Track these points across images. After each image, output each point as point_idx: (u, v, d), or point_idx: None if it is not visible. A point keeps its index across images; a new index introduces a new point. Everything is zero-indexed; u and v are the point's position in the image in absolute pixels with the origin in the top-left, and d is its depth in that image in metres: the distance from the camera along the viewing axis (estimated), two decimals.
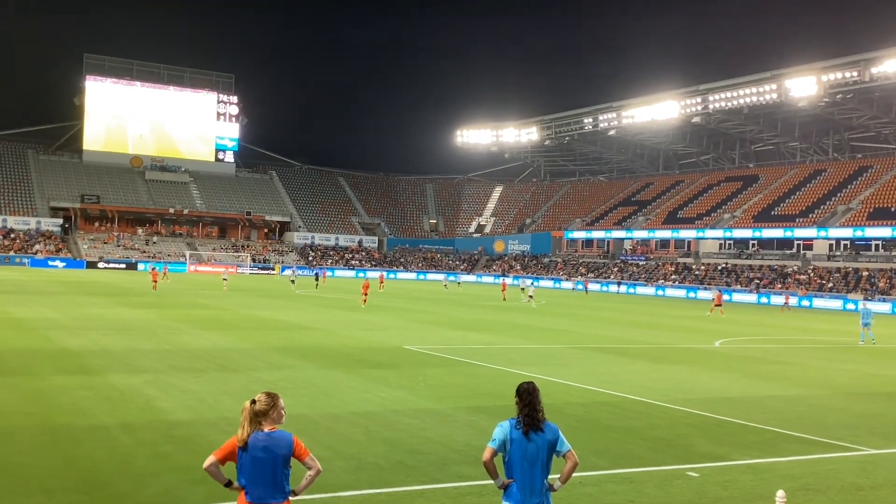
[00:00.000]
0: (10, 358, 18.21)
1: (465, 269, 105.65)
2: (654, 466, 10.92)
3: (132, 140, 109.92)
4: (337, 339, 25.15)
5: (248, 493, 5.55)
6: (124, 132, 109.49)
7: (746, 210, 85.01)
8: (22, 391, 14.32)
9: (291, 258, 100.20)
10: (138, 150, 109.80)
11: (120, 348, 20.75)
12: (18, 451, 10.27)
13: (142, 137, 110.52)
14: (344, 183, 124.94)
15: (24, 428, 11.50)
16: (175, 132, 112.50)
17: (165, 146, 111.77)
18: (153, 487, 8.87)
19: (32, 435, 11.13)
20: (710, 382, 19.28)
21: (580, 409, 14.89)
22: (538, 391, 6.12)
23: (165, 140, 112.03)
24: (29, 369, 16.74)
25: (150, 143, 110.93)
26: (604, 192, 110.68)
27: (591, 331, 32.79)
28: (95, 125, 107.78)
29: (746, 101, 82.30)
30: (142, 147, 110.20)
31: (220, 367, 18.17)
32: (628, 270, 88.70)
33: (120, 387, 15.20)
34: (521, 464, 5.95)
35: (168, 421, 12.40)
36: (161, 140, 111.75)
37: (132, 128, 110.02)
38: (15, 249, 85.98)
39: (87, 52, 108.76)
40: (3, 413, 12.44)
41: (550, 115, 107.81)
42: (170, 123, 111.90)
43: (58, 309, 31.92)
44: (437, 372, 18.95)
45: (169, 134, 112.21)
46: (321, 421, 12.78)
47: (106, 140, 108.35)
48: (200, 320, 29.77)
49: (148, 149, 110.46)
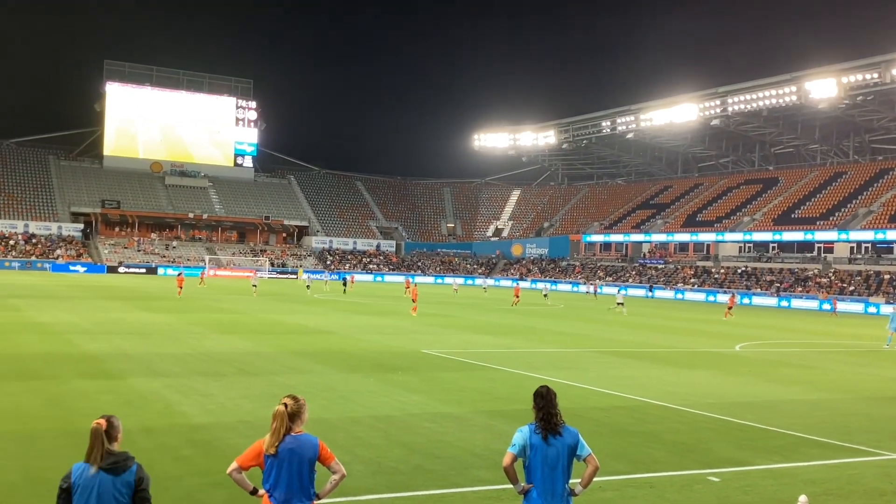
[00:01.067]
0: (32, 362, 18.38)
1: (482, 272, 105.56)
2: (674, 471, 10.86)
3: (152, 145, 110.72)
4: (355, 343, 25.20)
5: (273, 497, 5.57)
6: (144, 137, 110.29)
7: (766, 213, 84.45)
8: (44, 395, 14.45)
9: (309, 262, 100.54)
10: (158, 155, 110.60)
11: (141, 352, 20.89)
12: (40, 454, 10.38)
13: (161, 143, 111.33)
14: (362, 187, 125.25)
15: (47, 431, 11.62)
16: (194, 137, 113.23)
17: (185, 151, 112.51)
18: (174, 491, 8.92)
19: (54, 438, 11.24)
20: (730, 386, 19.15)
21: (599, 413, 14.84)
22: (554, 394, 6.11)
23: (185, 145, 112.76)
24: (51, 373, 16.89)
25: (170, 149, 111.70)
26: (622, 195, 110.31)
27: (609, 335, 32.66)
28: (116, 131, 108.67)
29: (766, 103, 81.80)
30: (161, 152, 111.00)
31: (240, 371, 18.26)
32: (647, 274, 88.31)
33: (141, 390, 15.30)
34: (541, 468, 5.93)
35: (188, 425, 12.47)
36: (180, 145, 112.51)
37: (152, 133, 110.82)
38: (37, 254, 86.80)
39: (107, 59, 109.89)
40: (25, 416, 12.56)
41: (568, 119, 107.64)
42: (189, 129, 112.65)
43: (79, 313, 32.19)
44: (455, 376, 18.94)
45: (188, 139, 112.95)
46: (340, 425, 12.80)
47: (126, 146, 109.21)
48: (220, 324, 29.92)
49: (168, 154, 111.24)
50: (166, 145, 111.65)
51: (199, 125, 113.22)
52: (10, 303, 36.47)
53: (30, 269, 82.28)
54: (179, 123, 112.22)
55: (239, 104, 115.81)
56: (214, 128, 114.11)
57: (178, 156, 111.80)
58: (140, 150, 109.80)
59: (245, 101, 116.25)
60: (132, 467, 4.99)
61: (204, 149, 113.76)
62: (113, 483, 4.91)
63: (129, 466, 4.98)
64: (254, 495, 5.79)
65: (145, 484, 5.04)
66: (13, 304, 36.00)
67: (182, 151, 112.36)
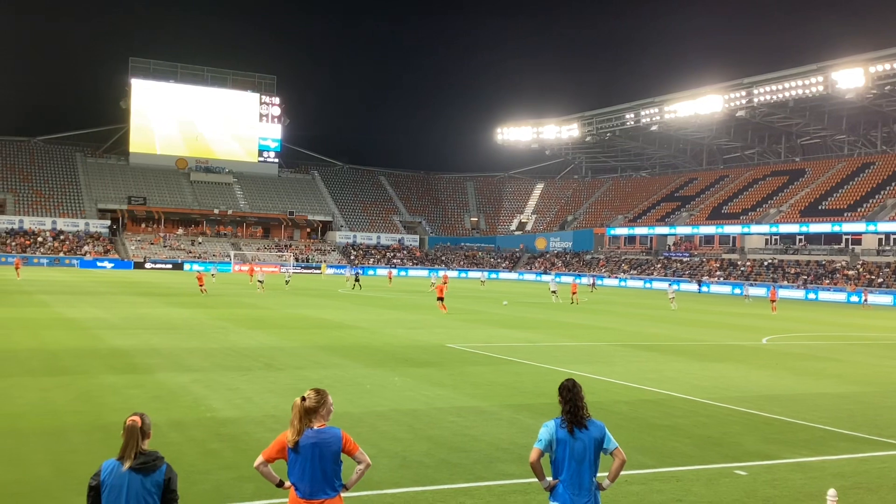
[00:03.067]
0: (62, 357, 18.62)
1: (506, 266, 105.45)
2: (701, 465, 10.81)
3: (177, 142, 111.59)
4: (380, 338, 25.28)
5: (299, 490, 5.61)
6: (169, 134, 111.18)
7: (793, 204, 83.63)
8: (74, 390, 14.63)
9: (333, 257, 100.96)
10: (183, 151, 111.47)
11: (168, 347, 21.09)
12: (71, 448, 10.52)
13: (186, 139, 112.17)
14: (385, 182, 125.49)
15: (77, 426, 11.76)
16: (218, 134, 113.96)
17: (209, 148, 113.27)
18: (202, 485, 9.01)
19: (84, 433, 11.38)
20: (757, 380, 19.02)
21: (625, 407, 14.79)
22: (580, 388, 6.07)
23: (209, 141, 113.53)
24: (80, 368, 17.09)
25: (195, 145, 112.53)
26: (646, 188, 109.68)
27: (635, 328, 32.52)
28: (141, 127, 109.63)
29: (792, 93, 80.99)
30: (186, 149, 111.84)
31: (266, 366, 18.38)
32: (672, 267, 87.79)
33: (169, 385, 15.45)
34: (568, 462, 5.91)
35: (216, 419, 12.58)
36: (205, 142, 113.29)
37: (177, 130, 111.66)
38: (65, 251, 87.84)
39: (132, 56, 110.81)
40: (56, 411, 12.73)
41: (591, 112, 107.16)
42: (213, 125, 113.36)
43: (107, 309, 32.54)
44: (480, 370, 18.96)
45: (213, 135, 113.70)
46: (366, 419, 12.86)
47: (151, 142, 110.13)
48: (246, 319, 30.13)
49: (192, 150, 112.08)
50: (191, 141, 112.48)
51: (224, 121, 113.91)
52: (39, 299, 36.94)
53: (58, 266, 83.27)
54: (204, 120, 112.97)
55: (263, 100, 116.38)
56: (238, 124, 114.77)
57: (202, 152, 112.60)
58: (165, 147, 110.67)
59: (269, 97, 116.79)
60: (162, 467, 5.03)
61: (228, 145, 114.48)
62: (142, 482, 4.94)
63: (158, 466, 5.02)
64: (280, 488, 5.84)
65: (174, 484, 5.08)
66: (42, 300, 36.47)
67: (206, 147, 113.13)
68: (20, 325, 25.37)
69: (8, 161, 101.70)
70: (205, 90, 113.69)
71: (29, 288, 44.71)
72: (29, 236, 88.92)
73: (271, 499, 8.24)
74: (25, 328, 24.43)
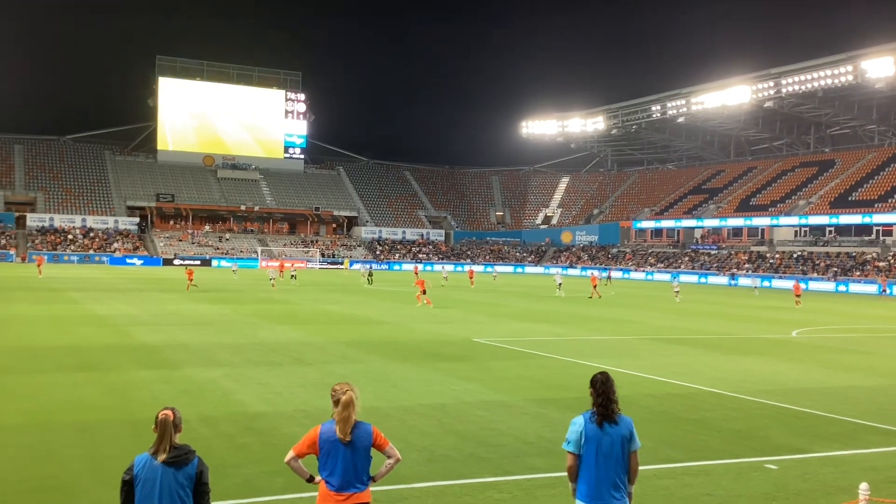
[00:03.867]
0: (92, 353, 18.85)
1: (532, 260, 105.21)
2: (730, 459, 10.73)
3: (203, 139, 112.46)
4: (407, 333, 25.35)
5: (330, 484, 5.65)
6: (196, 132, 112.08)
7: (822, 196, 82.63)
8: (105, 385, 14.81)
9: (359, 252, 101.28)
10: (209, 148, 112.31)
11: (197, 343, 21.28)
12: (102, 443, 10.65)
13: (213, 136, 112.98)
14: (410, 177, 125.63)
15: (108, 421, 11.91)
16: (244, 131, 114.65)
17: (235, 144, 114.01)
18: (233, 479, 9.09)
19: (115, 428, 11.52)
20: (787, 373, 18.84)
21: (652, 400, 14.72)
22: (612, 381, 6.00)
23: (235, 138, 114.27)
24: (111, 364, 17.30)
25: (221, 142, 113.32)
26: (673, 180, 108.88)
27: (662, 321, 32.33)
28: (168, 125, 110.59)
29: (821, 83, 79.99)
30: (213, 146, 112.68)
31: (295, 361, 18.50)
32: (699, 260, 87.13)
33: (198, 380, 15.60)
34: (595, 458, 5.85)
35: (246, 413, 12.68)
36: (231, 138, 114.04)
37: (203, 127, 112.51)
38: (94, 248, 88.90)
39: (159, 55, 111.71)
40: (87, 407, 12.90)
41: (617, 104, 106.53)
42: (239, 122, 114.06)
43: (137, 305, 32.90)
44: (506, 364, 18.95)
45: (239, 133, 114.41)
46: (393, 413, 12.91)
47: (179, 140, 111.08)
48: (274, 315, 30.33)
49: (219, 147, 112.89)
50: (217, 139, 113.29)
51: (249, 118, 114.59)
52: (69, 296, 37.43)
53: (88, 263, 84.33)
54: (230, 117, 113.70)
55: (288, 96, 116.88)
56: (264, 121, 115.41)
57: (229, 149, 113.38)
58: (192, 144, 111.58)
59: (294, 94, 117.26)
60: (194, 460, 5.08)
61: (254, 142, 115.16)
62: (175, 476, 5.00)
63: (190, 459, 5.07)
64: (310, 482, 5.88)
65: (206, 477, 5.13)
66: (72, 296, 36.94)
67: (233, 144, 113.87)
68: (51, 322, 25.74)
69: (38, 160, 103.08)
70: (231, 88, 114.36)
71: (59, 285, 45.31)
72: (59, 234, 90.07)
73: (301, 493, 8.30)
74: (56, 325, 24.77)
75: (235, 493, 8.55)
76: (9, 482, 8.72)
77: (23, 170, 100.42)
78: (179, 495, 4.99)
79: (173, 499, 4.98)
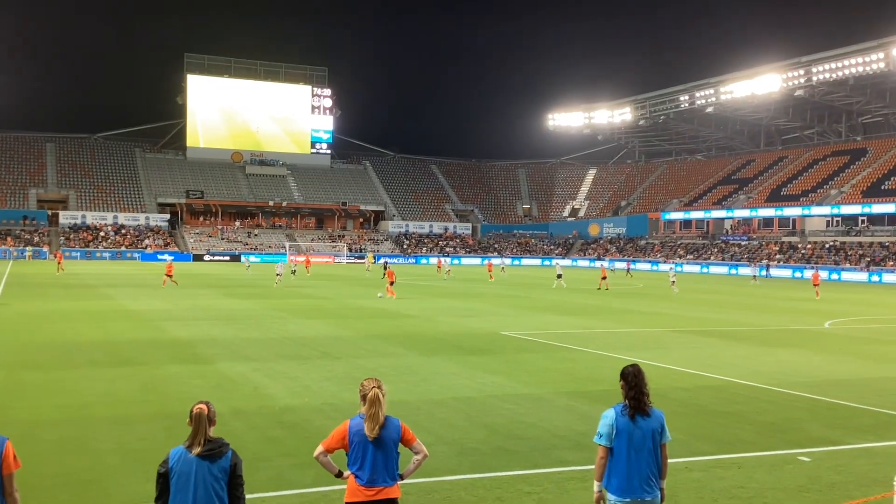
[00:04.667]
0: (126, 348, 19.09)
1: (559, 253, 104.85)
2: (763, 451, 10.65)
3: (231, 135, 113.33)
4: (435, 326, 25.39)
5: (359, 478, 5.69)
6: (224, 128, 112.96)
7: (855, 185, 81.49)
8: (138, 380, 15.00)
9: (386, 247, 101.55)
10: (237, 145, 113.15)
11: (228, 337, 21.48)
12: (138, 437, 10.80)
13: (240, 133, 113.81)
14: (436, 171, 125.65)
15: (143, 415, 12.07)
16: (272, 127, 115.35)
17: (263, 140, 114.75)
18: (265, 471, 9.18)
19: (150, 422, 11.68)
20: (820, 365, 18.64)
21: (683, 393, 14.63)
22: (644, 373, 5.95)
23: (263, 134, 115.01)
24: (144, 359, 17.51)
25: (249, 138, 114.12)
26: (702, 171, 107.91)
27: (692, 313, 32.10)
28: (197, 122, 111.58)
29: (852, 71, 78.85)
30: (241, 142, 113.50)
31: (324, 355, 18.61)
32: (729, 251, 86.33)
33: (230, 374, 15.76)
34: (626, 451, 5.82)
35: (276, 407, 12.79)
36: (259, 135, 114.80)
37: (231, 124, 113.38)
38: (126, 245, 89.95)
39: (187, 52, 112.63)
40: (122, 401, 13.08)
41: (644, 94, 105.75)
42: (267, 118, 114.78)
43: (168, 301, 33.25)
44: (535, 357, 18.92)
45: (266, 129, 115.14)
46: (422, 407, 12.95)
47: (207, 136, 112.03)
48: (303, 309, 30.51)
49: (247, 144, 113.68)
50: (245, 135, 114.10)
51: (276, 114, 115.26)
52: (102, 292, 37.91)
53: (120, 259, 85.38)
54: (257, 113, 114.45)
55: (314, 92, 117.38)
56: (291, 116, 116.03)
57: (256, 145, 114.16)
58: (221, 141, 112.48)
59: (320, 89, 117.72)
60: (227, 453, 5.14)
61: (281, 137, 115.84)
62: (209, 468, 5.06)
63: (224, 452, 5.13)
64: (339, 478, 5.91)
65: (239, 469, 5.18)
66: (106, 293, 37.41)
67: (260, 140, 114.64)
68: (85, 317, 26.09)
69: (70, 158, 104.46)
70: (258, 84, 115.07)
71: (93, 282, 45.91)
72: (91, 231, 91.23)
73: (331, 486, 8.35)
74: (91, 321, 25.11)
75: (267, 486, 8.63)
76: (46, 475, 8.87)
77: (55, 168, 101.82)
78: (214, 488, 5.05)
79: (208, 491, 5.04)
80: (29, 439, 10.19)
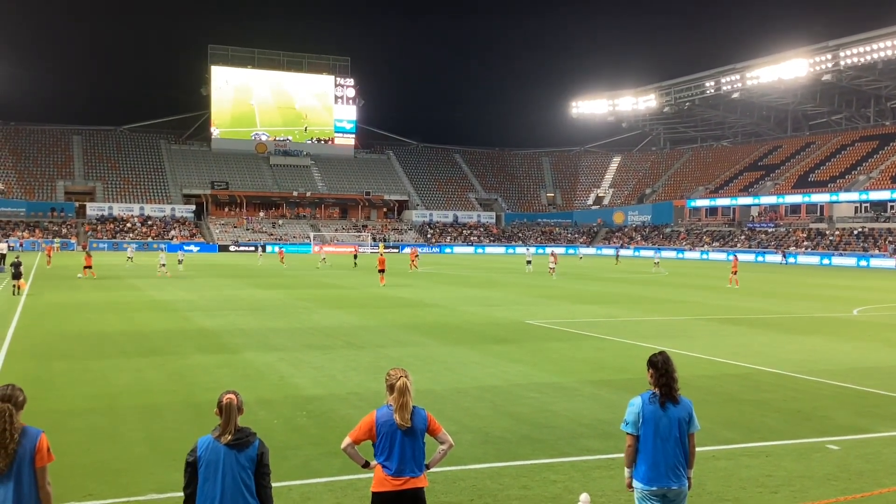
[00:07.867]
0: (154, 339, 19.28)
1: (584, 241, 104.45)
2: (790, 440, 10.56)
3: (256, 126, 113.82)
4: (459, 316, 25.39)
5: (387, 468, 5.70)
6: (248, 119, 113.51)
7: (884, 170, 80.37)
8: (167, 370, 15.15)
9: (410, 236, 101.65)
10: (262, 135, 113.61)
11: (254, 327, 21.62)
12: (166, 426, 10.91)
13: (264, 123, 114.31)
14: (460, 160, 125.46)
15: (171, 405, 12.19)
16: (295, 117, 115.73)
17: (287, 131, 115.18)
18: (292, 460, 9.25)
19: (178, 411, 11.79)
20: (848, 352, 18.44)
21: (709, 381, 14.53)
22: (672, 361, 5.90)
23: (287, 125, 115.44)
24: (172, 349, 17.68)
25: (273, 129, 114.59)
26: (728, 157, 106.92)
27: (718, 301, 31.86)
28: (221, 113, 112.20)
29: (881, 55, 77.69)
30: (265, 133, 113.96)
31: (348, 345, 18.68)
32: (756, 238, 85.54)
33: (256, 364, 15.86)
34: (653, 440, 5.77)
35: (302, 396, 12.86)
36: (282, 125, 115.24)
37: (255, 114, 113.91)
38: (152, 236, 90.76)
39: (211, 44, 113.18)
40: (151, 391, 13.22)
41: (669, 81, 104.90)
42: (290, 109, 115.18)
43: (195, 291, 33.52)
44: (560, 346, 18.88)
45: (289, 119, 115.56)
46: (448, 396, 12.96)
47: (231, 127, 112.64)
48: (327, 299, 30.63)
49: (271, 134, 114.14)
50: (269, 125, 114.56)
51: (300, 104, 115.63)
52: (130, 282, 38.29)
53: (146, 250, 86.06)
54: (281, 104, 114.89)
55: (337, 82, 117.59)
56: (314, 106, 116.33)
57: (280, 135, 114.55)
58: (245, 132, 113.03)
59: (343, 79, 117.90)
60: (255, 442, 5.17)
61: (306, 128, 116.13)
62: (237, 458, 5.10)
63: (252, 441, 5.16)
64: (365, 468, 5.92)
65: (266, 458, 5.21)
66: (133, 283, 37.78)
67: (284, 131, 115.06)
68: (113, 308, 26.36)
69: (96, 150, 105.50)
70: (281, 74, 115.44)
71: (121, 273, 46.37)
72: (118, 222, 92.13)
73: (358, 475, 8.38)
74: (118, 311, 25.36)
75: (295, 475, 8.69)
76: (76, 465, 8.98)
77: (81, 160, 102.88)
78: (241, 477, 5.08)
79: (235, 480, 5.07)
80: (59, 428, 10.31)
